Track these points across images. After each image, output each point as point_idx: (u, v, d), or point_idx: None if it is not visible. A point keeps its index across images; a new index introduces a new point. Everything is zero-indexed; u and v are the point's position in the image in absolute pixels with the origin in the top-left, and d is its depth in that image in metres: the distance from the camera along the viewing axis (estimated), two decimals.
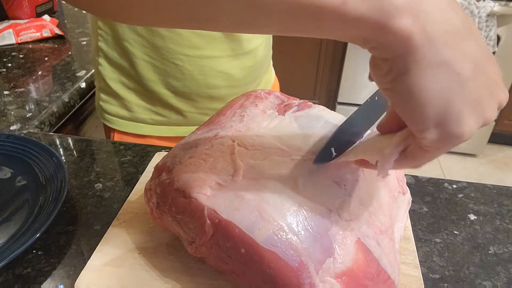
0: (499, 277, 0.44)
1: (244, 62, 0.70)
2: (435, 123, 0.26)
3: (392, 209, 0.41)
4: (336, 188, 0.37)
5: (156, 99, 0.71)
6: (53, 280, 0.42)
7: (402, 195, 0.44)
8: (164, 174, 0.39)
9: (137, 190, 0.52)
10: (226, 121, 0.44)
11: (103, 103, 0.74)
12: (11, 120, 0.71)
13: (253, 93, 0.48)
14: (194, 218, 0.36)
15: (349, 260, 0.34)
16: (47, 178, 0.52)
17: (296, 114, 0.44)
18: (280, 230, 0.33)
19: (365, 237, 0.36)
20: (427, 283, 0.43)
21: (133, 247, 0.44)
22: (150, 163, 0.57)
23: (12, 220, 0.48)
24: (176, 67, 0.67)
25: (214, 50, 0.67)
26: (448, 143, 0.27)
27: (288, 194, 0.35)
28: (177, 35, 0.64)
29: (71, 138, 0.66)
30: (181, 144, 0.43)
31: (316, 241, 0.34)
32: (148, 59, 0.67)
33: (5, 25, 1.06)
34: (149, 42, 0.65)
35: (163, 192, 0.39)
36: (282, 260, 0.32)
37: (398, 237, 0.41)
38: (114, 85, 0.71)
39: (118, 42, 0.67)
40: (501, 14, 1.78)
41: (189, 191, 0.36)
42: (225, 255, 0.36)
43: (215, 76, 0.69)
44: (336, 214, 0.36)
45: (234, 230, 0.33)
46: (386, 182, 0.42)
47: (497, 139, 2.23)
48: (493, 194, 0.56)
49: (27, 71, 0.90)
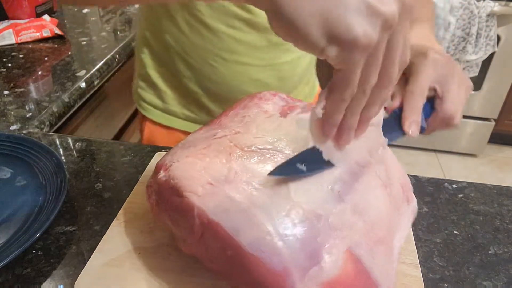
0: (499, 277, 0.44)
1: (281, 73, 0.69)
2: (326, 39, 0.27)
3: (392, 218, 0.39)
4: (329, 194, 0.36)
5: (189, 96, 0.71)
6: (53, 280, 0.42)
7: (406, 204, 0.43)
8: (162, 172, 0.40)
9: (137, 190, 0.52)
10: (227, 122, 0.44)
11: (141, 90, 0.76)
12: (11, 120, 0.71)
13: (258, 95, 0.48)
14: (185, 217, 0.36)
15: (337, 269, 0.33)
16: (47, 178, 0.52)
17: (298, 116, 0.43)
18: (266, 234, 0.32)
19: (357, 246, 0.35)
20: (427, 283, 0.43)
21: (133, 247, 0.44)
22: (150, 163, 0.57)
23: (12, 220, 0.48)
24: (212, 69, 0.67)
25: (253, 58, 0.66)
26: (351, 51, 0.27)
27: (279, 198, 0.35)
28: (217, 38, 0.64)
29: (71, 138, 0.66)
30: (181, 142, 0.43)
31: (303, 247, 0.33)
32: (186, 56, 0.67)
33: (5, 25, 1.06)
34: (189, 39, 0.65)
35: (160, 189, 0.39)
36: (266, 264, 0.31)
37: (397, 248, 0.39)
38: (154, 74, 0.72)
39: (161, 34, 0.68)
40: (501, 14, 1.78)
41: (181, 190, 0.36)
42: (213, 256, 0.36)
43: (249, 83, 0.68)
44: (327, 221, 0.34)
45: (221, 232, 0.33)
46: (388, 191, 0.40)
47: (497, 139, 2.23)
48: (493, 194, 0.56)
49: (27, 71, 0.90)
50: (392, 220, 0.40)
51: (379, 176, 0.40)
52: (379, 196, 0.39)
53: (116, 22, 1.19)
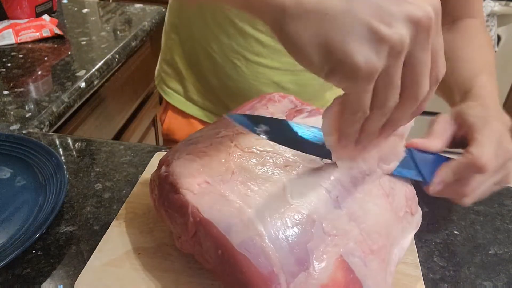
0: (499, 278, 0.44)
1: (301, 79, 0.69)
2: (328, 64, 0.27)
3: (391, 229, 0.38)
4: (326, 199, 0.36)
5: (209, 88, 0.73)
6: (52, 280, 0.42)
7: (410, 216, 0.42)
8: (163, 167, 0.40)
9: (137, 190, 0.52)
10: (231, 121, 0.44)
11: (164, 75, 0.78)
12: (11, 120, 0.71)
13: (268, 96, 0.48)
14: (180, 214, 0.36)
15: (325, 277, 0.32)
16: (47, 178, 0.52)
17: (304, 120, 0.43)
18: (256, 236, 0.32)
19: (350, 255, 0.34)
20: (428, 283, 0.43)
21: (133, 247, 0.44)
22: (150, 163, 0.57)
23: (11, 220, 0.48)
24: (234, 66, 0.68)
25: (275, 62, 0.67)
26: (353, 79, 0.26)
27: (273, 200, 0.34)
28: (242, 37, 0.65)
29: (70, 138, 0.66)
30: (185, 139, 0.43)
31: (292, 252, 0.32)
32: (210, 50, 0.68)
33: (5, 25, 1.06)
34: (214, 35, 0.66)
35: (160, 184, 0.39)
36: (254, 266, 0.31)
37: (396, 260, 0.38)
38: (179, 60, 0.74)
39: (189, 25, 0.69)
40: (501, 14, 1.78)
41: (178, 187, 0.37)
42: (206, 254, 0.36)
43: (268, 85, 0.69)
44: (320, 227, 0.34)
45: (213, 230, 0.33)
46: (389, 200, 0.39)
47: None
48: (493, 194, 0.56)
49: (26, 71, 0.90)
50: (392, 230, 0.38)
51: (381, 185, 0.39)
52: (379, 205, 0.38)
53: (116, 22, 1.19)
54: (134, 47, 1.09)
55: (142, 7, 1.29)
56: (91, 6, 1.31)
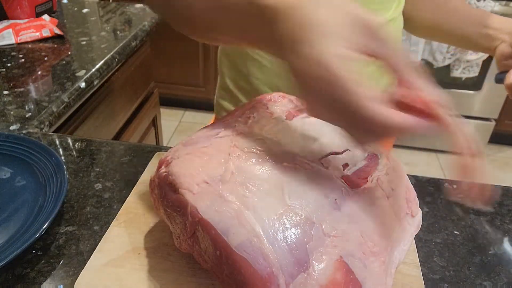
0: (499, 278, 0.44)
1: None
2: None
3: (392, 231, 0.38)
4: (325, 201, 0.36)
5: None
6: (52, 280, 0.42)
7: (410, 218, 0.41)
8: (163, 167, 0.40)
9: (137, 190, 0.52)
10: (232, 121, 0.44)
11: (221, 100, 0.79)
12: (11, 120, 0.71)
13: (268, 96, 0.48)
14: (179, 214, 0.36)
15: (325, 278, 0.32)
16: (47, 178, 0.52)
17: (304, 120, 0.43)
18: (254, 237, 0.32)
19: (350, 256, 0.34)
20: (427, 283, 0.43)
21: (133, 247, 0.44)
22: (150, 163, 0.57)
23: (11, 220, 0.48)
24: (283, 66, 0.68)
25: None
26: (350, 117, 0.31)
27: (272, 201, 0.34)
28: None
29: (70, 138, 0.66)
30: (185, 139, 0.43)
31: (291, 253, 0.32)
32: (258, 56, 0.69)
33: (5, 25, 1.06)
34: None
35: (160, 184, 0.39)
36: (252, 267, 0.31)
37: (396, 262, 0.38)
38: (229, 82, 0.76)
39: None
40: (501, 14, 1.78)
41: (177, 186, 0.37)
42: (204, 254, 0.36)
43: None
44: (320, 228, 0.34)
45: (211, 231, 0.33)
46: (390, 202, 0.39)
47: (497, 139, 2.23)
48: (493, 195, 0.56)
49: (26, 71, 0.90)
50: (393, 232, 0.38)
51: (381, 187, 0.39)
52: (379, 207, 0.38)
53: (116, 22, 1.19)
54: (134, 47, 1.09)
55: (142, 7, 1.29)
56: (91, 6, 1.31)
